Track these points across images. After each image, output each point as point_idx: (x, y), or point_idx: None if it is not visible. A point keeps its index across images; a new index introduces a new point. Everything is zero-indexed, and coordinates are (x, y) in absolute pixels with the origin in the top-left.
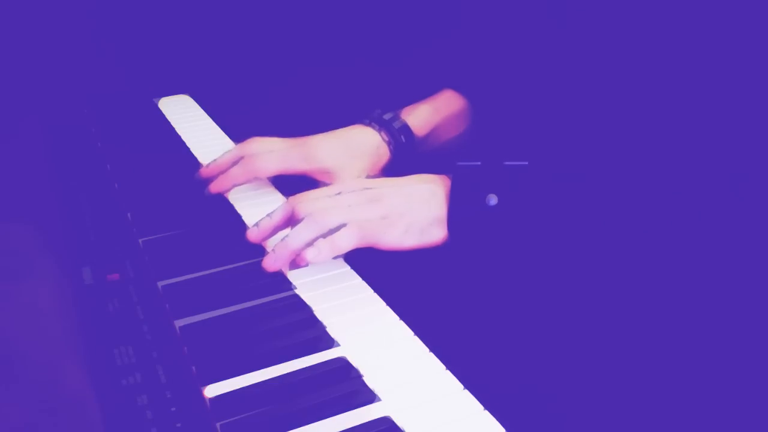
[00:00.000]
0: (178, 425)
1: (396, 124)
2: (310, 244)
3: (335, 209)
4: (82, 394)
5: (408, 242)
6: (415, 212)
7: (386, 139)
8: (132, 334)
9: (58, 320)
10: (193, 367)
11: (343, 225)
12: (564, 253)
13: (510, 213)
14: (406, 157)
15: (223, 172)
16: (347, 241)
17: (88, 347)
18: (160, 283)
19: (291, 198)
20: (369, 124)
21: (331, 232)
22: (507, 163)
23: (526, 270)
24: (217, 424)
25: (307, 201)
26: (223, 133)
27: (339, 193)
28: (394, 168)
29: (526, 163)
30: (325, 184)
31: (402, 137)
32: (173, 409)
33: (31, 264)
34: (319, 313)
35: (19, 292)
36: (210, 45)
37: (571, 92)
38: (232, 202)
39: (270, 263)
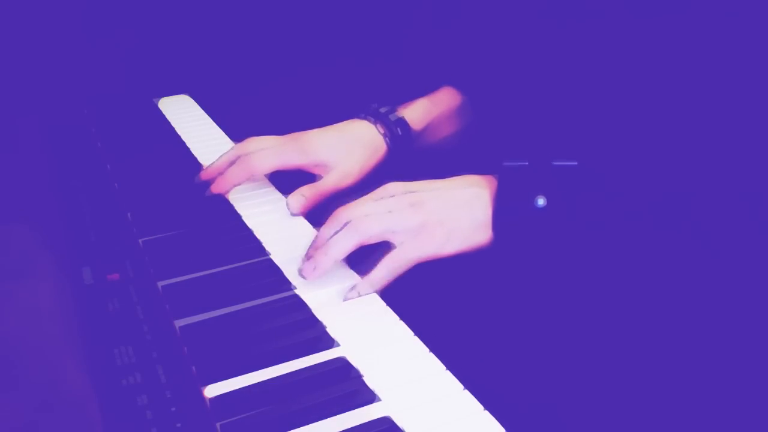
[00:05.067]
0: (178, 425)
1: (392, 117)
2: (350, 251)
3: (376, 216)
4: (82, 394)
5: (450, 249)
6: (457, 217)
7: (382, 131)
8: (132, 334)
9: (58, 320)
10: (193, 367)
11: (383, 234)
12: (590, 256)
13: (560, 215)
14: (405, 151)
15: (221, 173)
16: (385, 279)
17: (88, 347)
18: (160, 283)
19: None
20: (364, 118)
21: (371, 240)
22: (556, 163)
23: (548, 272)
24: (217, 424)
25: (347, 207)
26: (223, 133)
27: (380, 198)
28: (396, 165)
29: (576, 163)
30: (320, 178)
31: (398, 130)
32: (173, 409)
33: (31, 264)
34: (319, 313)
35: (19, 292)
36: (210, 45)
37: (571, 89)
38: (232, 202)
39: (309, 272)
